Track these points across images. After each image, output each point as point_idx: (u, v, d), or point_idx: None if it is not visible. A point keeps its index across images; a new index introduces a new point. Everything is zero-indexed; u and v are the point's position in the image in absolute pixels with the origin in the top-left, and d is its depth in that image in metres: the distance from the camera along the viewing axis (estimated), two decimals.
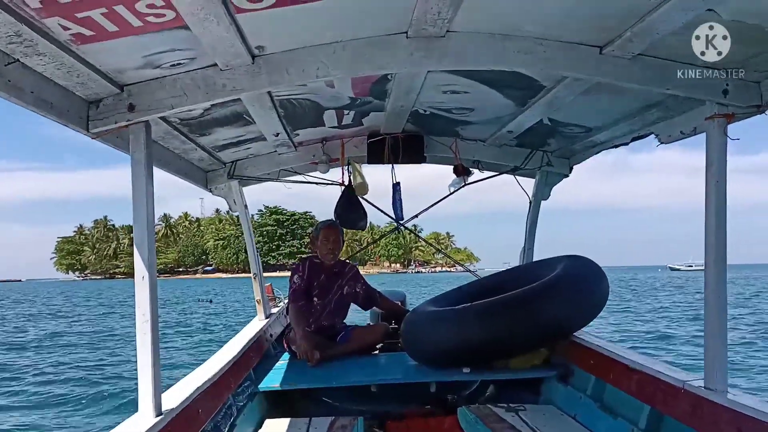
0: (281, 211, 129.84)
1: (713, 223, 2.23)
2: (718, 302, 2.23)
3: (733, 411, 2.04)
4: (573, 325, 3.40)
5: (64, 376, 11.72)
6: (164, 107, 2.14)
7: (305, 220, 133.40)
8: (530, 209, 4.53)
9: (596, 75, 2.29)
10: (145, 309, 2.07)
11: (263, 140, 3.63)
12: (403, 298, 5.11)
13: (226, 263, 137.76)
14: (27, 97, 1.74)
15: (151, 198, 2.13)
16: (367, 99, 3.18)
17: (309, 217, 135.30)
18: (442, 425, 3.34)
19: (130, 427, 1.93)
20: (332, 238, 4.19)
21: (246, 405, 3.09)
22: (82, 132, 2.09)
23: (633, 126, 3.21)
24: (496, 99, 3.10)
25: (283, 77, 2.15)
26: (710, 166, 2.25)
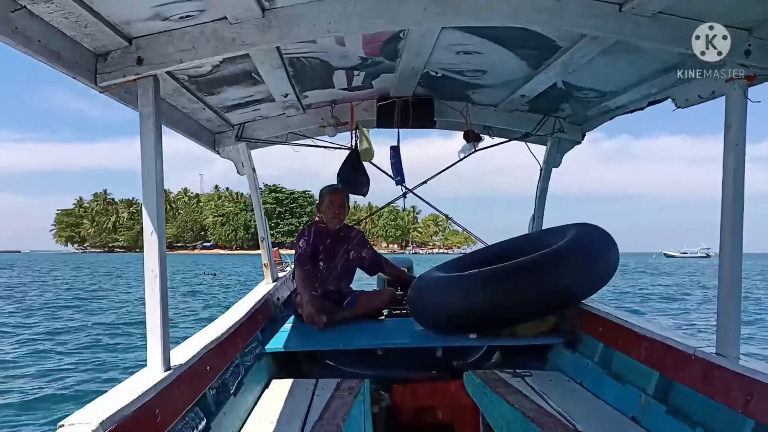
0: (280, 189, 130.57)
1: (731, 186, 2.18)
2: (732, 268, 2.20)
3: (745, 377, 2.02)
4: (582, 293, 3.38)
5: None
6: (173, 61, 2.10)
7: (304, 198, 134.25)
8: (540, 176, 4.48)
9: (615, 33, 2.23)
10: (153, 264, 2.06)
11: (272, 101, 3.59)
12: (410, 265, 5.10)
13: (224, 240, 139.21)
14: (34, 45, 1.71)
15: (160, 154, 2.10)
16: (377, 59, 3.12)
17: (308, 195, 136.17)
18: (447, 389, 3.35)
19: (139, 380, 1.94)
20: (337, 203, 4.17)
21: (253, 365, 3.11)
22: (90, 85, 2.06)
23: (650, 89, 3.14)
24: (510, 60, 3.03)
25: (294, 32, 2.10)
26: (729, 130, 2.19)
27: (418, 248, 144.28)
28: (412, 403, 3.37)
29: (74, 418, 1.53)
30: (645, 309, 18.23)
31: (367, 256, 4.38)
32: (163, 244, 2.09)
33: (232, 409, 2.54)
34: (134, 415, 1.69)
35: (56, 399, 7.25)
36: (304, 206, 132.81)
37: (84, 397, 6.80)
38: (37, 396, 7.36)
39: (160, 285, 2.06)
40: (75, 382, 8.17)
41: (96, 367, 9.19)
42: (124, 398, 1.70)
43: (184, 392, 2.11)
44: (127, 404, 1.67)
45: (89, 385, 7.85)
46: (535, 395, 2.77)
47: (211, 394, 2.40)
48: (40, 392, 7.55)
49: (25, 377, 8.47)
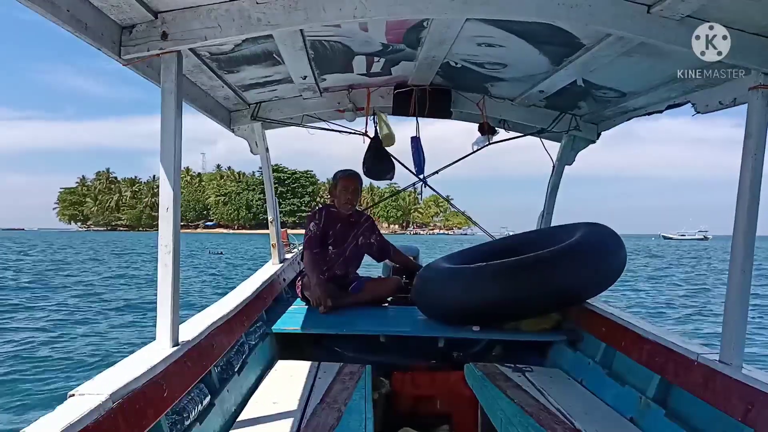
0: (282, 169, 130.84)
1: (746, 197, 2.17)
2: (742, 276, 2.20)
3: (747, 386, 2.03)
4: (588, 292, 3.39)
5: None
6: (197, 38, 2.09)
7: (306, 178, 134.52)
8: (553, 173, 4.47)
9: (641, 34, 2.20)
10: (167, 240, 2.08)
11: (290, 83, 3.59)
12: (417, 254, 5.12)
13: (227, 219, 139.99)
14: (63, 14, 1.71)
15: (179, 130, 2.11)
16: (399, 46, 3.11)
17: (310, 175, 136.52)
18: (447, 380, 3.37)
19: (147, 354, 1.97)
20: (351, 188, 4.18)
21: (258, 344, 3.14)
22: (114, 57, 2.06)
23: (670, 93, 3.12)
24: (532, 55, 3.02)
25: (319, 15, 2.09)
26: (749, 139, 2.17)
27: (419, 229, 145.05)
28: (412, 392, 3.40)
29: (84, 388, 1.56)
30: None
31: (376, 242, 4.39)
32: (177, 220, 2.11)
33: (236, 387, 2.57)
34: (143, 388, 1.72)
35: (66, 369, 7.37)
36: (305, 186, 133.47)
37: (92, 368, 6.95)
38: (47, 366, 7.48)
39: (173, 261, 2.08)
40: (86, 353, 8.29)
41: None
42: (133, 371, 1.73)
43: (191, 368, 2.13)
44: (137, 377, 1.70)
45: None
46: (534, 390, 2.79)
47: (216, 372, 2.43)
48: (51, 362, 7.68)
49: (38, 346, 8.59)
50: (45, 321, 11.14)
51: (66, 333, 9.87)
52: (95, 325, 10.59)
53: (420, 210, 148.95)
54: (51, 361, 7.81)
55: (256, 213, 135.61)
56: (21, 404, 6.04)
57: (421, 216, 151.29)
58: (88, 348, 8.67)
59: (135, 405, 1.63)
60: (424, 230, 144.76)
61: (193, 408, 2.04)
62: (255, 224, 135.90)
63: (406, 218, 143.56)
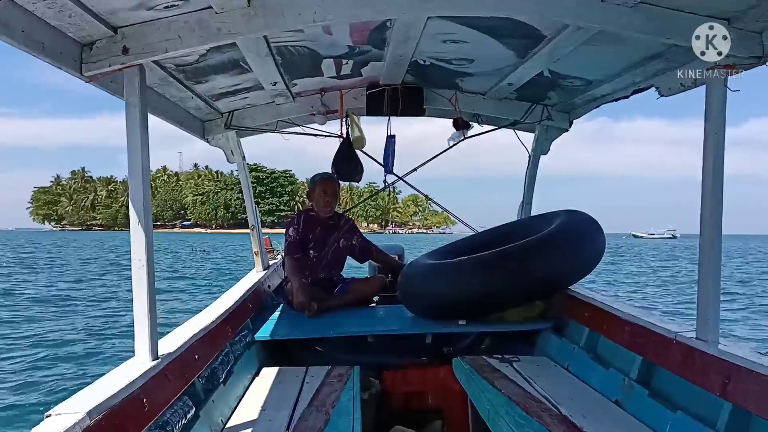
0: (261, 169, 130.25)
1: (711, 173, 2.22)
2: (712, 254, 2.24)
3: (723, 361, 2.07)
4: (569, 279, 3.43)
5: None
6: (158, 50, 2.09)
7: (285, 178, 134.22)
8: (529, 164, 4.51)
9: (598, 23, 2.25)
10: (140, 254, 2.08)
11: (261, 89, 3.58)
12: (402, 252, 5.13)
13: (204, 219, 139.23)
14: (18, 36, 1.70)
15: (146, 144, 2.11)
16: (365, 47, 3.12)
17: (289, 175, 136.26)
18: (437, 375, 3.39)
19: (127, 370, 1.96)
20: (329, 191, 4.19)
21: (243, 353, 3.13)
22: (75, 75, 2.05)
23: (634, 78, 3.16)
24: (497, 49, 3.04)
25: (279, 21, 2.10)
26: (709, 118, 2.22)
27: (398, 228, 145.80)
28: (402, 389, 3.41)
29: (61, 407, 1.55)
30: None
31: (357, 243, 4.40)
32: (150, 233, 2.11)
33: (222, 397, 2.56)
34: (121, 404, 1.71)
35: (43, 390, 7.25)
36: (284, 185, 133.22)
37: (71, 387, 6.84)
38: (22, 386, 7.35)
39: (148, 275, 2.07)
40: (63, 371, 8.18)
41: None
42: (111, 388, 1.72)
43: (173, 381, 2.13)
44: (114, 393, 1.69)
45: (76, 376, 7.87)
46: (521, 380, 2.81)
47: (200, 383, 2.42)
48: (26, 382, 7.54)
49: (12, 366, 8.46)
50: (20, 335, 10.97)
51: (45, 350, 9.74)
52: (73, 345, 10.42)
53: (399, 209, 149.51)
54: (28, 380, 7.67)
55: (234, 212, 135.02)
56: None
57: (400, 215, 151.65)
58: (67, 366, 8.56)
59: (114, 421, 1.63)
60: (403, 229, 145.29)
61: (177, 421, 2.03)
62: (233, 224, 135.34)
63: (384, 217, 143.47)
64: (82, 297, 16.84)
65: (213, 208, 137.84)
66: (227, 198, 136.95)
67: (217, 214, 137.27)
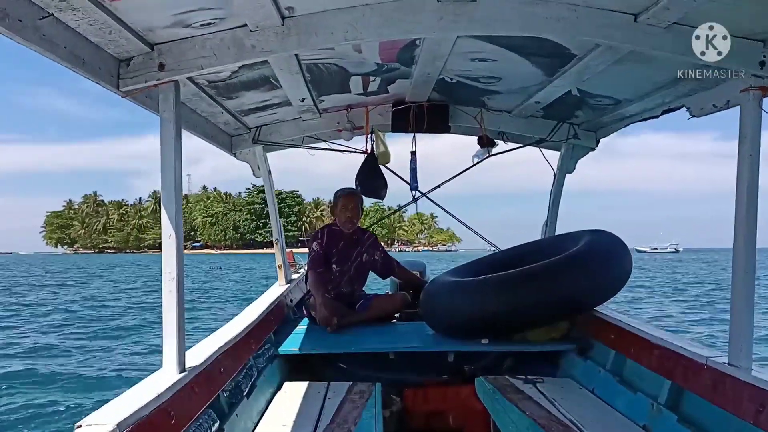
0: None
1: (745, 197, 2.19)
2: (746, 278, 2.20)
3: (757, 388, 2.02)
4: (594, 300, 3.38)
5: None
6: (194, 67, 2.14)
7: (292, 198, 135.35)
8: (554, 182, 4.48)
9: (629, 43, 2.24)
10: (171, 267, 2.10)
11: (289, 105, 3.63)
12: (423, 269, 5.12)
13: (214, 240, 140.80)
14: (60, 51, 1.75)
15: (179, 158, 2.15)
16: (393, 65, 3.15)
17: (295, 195, 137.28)
18: (459, 395, 3.36)
19: (154, 382, 1.97)
20: (351, 206, 4.21)
21: (266, 367, 3.14)
22: (112, 90, 2.11)
23: (664, 98, 3.14)
24: (525, 67, 3.04)
25: (312, 40, 2.13)
26: (743, 141, 2.20)
27: (404, 246, 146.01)
28: (424, 408, 3.38)
29: (91, 419, 1.57)
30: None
31: (380, 258, 4.40)
32: (180, 246, 2.13)
33: (245, 411, 2.57)
34: (150, 416, 1.72)
35: (73, 399, 7.34)
36: (291, 206, 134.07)
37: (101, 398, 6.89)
38: (53, 397, 7.46)
39: (177, 287, 2.10)
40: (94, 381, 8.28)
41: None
42: (140, 399, 1.73)
43: (198, 394, 2.14)
44: (143, 406, 1.70)
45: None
46: (546, 402, 2.77)
47: (224, 396, 2.43)
48: (57, 393, 7.65)
49: (42, 376, 8.58)
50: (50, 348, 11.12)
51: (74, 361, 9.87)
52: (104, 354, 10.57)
53: (405, 227, 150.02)
54: (58, 391, 7.78)
55: (243, 233, 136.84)
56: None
57: (406, 233, 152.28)
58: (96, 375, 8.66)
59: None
60: (409, 247, 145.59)
61: None
62: (242, 244, 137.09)
63: (391, 236, 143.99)
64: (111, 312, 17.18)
65: (222, 229, 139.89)
66: (236, 219, 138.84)
67: (227, 235, 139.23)
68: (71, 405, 6.99)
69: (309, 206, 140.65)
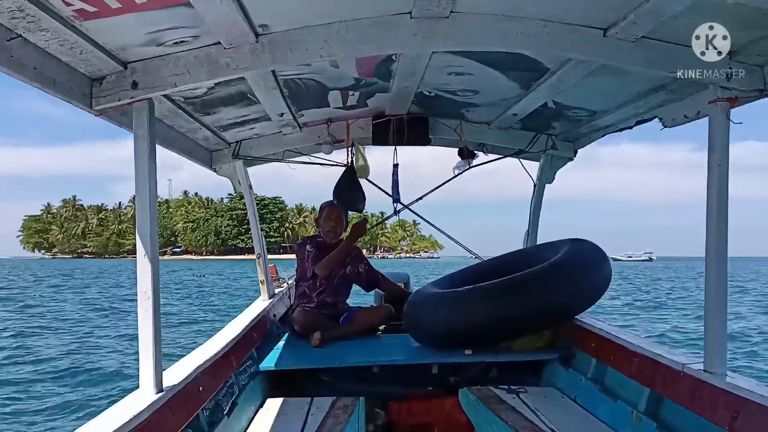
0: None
1: (715, 205, 2.22)
2: (718, 286, 2.23)
3: (732, 394, 2.05)
4: (576, 308, 3.41)
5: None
6: (167, 85, 2.13)
7: (274, 204, 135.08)
8: (534, 193, 4.52)
9: (600, 57, 2.28)
10: (146, 286, 2.09)
11: (268, 120, 3.63)
12: (407, 280, 5.12)
13: (195, 245, 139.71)
14: (29, 73, 1.74)
15: (154, 176, 2.14)
16: (371, 80, 3.16)
17: (278, 202, 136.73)
18: (443, 407, 3.36)
19: (130, 402, 1.95)
20: (334, 216, 4.23)
21: (248, 384, 3.11)
22: (85, 109, 2.09)
23: (637, 109, 3.19)
24: (501, 81, 3.08)
25: (287, 56, 2.14)
26: (713, 150, 2.24)
27: (386, 252, 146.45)
28: (408, 420, 3.38)
29: None
30: None
31: (364, 271, 4.40)
32: (156, 265, 2.12)
33: (226, 430, 2.55)
34: None
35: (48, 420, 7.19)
36: (274, 212, 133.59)
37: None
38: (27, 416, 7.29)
39: (153, 306, 2.08)
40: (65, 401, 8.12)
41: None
42: (115, 422, 1.71)
43: (177, 414, 2.12)
44: (119, 427, 1.68)
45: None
46: (528, 412, 2.78)
47: (204, 415, 2.41)
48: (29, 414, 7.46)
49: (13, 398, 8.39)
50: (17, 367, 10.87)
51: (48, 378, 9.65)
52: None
53: (387, 234, 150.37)
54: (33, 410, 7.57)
55: (225, 239, 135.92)
56: None
57: (388, 240, 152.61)
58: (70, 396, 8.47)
59: None
60: (392, 254, 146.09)
61: None
62: (224, 250, 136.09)
63: (373, 243, 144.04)
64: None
65: (203, 235, 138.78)
66: (218, 225, 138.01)
67: (208, 240, 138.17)
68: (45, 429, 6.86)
69: (292, 212, 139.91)
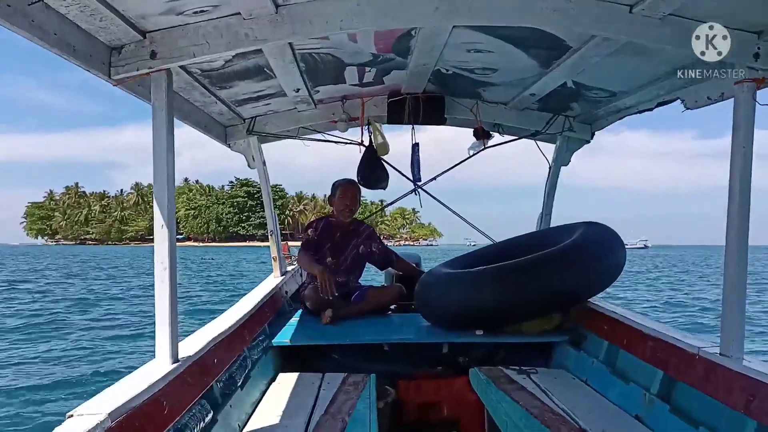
0: (251, 183, 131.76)
1: (737, 189, 2.19)
2: (737, 270, 2.21)
3: (748, 378, 2.03)
4: (588, 291, 3.39)
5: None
6: (186, 55, 2.11)
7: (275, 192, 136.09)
8: (549, 175, 4.48)
9: (625, 35, 2.23)
10: (163, 257, 2.09)
11: (283, 96, 3.61)
12: (419, 261, 5.12)
13: (196, 232, 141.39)
14: (50, 38, 1.73)
15: (172, 147, 2.13)
16: (389, 56, 3.13)
17: (279, 189, 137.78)
18: (453, 386, 3.37)
19: (147, 372, 1.97)
20: (349, 195, 4.22)
21: (260, 358, 3.14)
22: (104, 78, 2.08)
23: (659, 90, 3.13)
24: (521, 59, 3.03)
25: (306, 28, 2.11)
26: (737, 132, 2.20)
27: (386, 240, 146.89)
28: (418, 399, 3.39)
29: (83, 408, 1.56)
30: None
31: (377, 250, 4.41)
32: (173, 237, 2.12)
33: (239, 402, 2.57)
34: (142, 406, 1.72)
35: (64, 390, 7.32)
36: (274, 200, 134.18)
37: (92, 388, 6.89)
38: (44, 386, 7.43)
39: (170, 277, 2.09)
40: (83, 372, 8.26)
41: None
42: (132, 389, 1.72)
43: (192, 384, 2.14)
44: (135, 395, 1.70)
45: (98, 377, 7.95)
46: (539, 392, 2.78)
47: (218, 387, 2.43)
48: (48, 382, 7.62)
49: (33, 366, 8.55)
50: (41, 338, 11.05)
51: (65, 352, 9.83)
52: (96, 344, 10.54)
53: (387, 222, 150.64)
54: (48, 382, 7.75)
55: (226, 226, 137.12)
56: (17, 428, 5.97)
57: (388, 228, 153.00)
58: (88, 367, 8.64)
59: (134, 423, 1.63)
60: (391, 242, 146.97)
61: (195, 425, 2.03)
62: (225, 237, 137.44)
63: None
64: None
65: (205, 222, 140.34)
66: (219, 212, 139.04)
67: (209, 227, 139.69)
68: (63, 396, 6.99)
69: (292, 200, 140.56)
